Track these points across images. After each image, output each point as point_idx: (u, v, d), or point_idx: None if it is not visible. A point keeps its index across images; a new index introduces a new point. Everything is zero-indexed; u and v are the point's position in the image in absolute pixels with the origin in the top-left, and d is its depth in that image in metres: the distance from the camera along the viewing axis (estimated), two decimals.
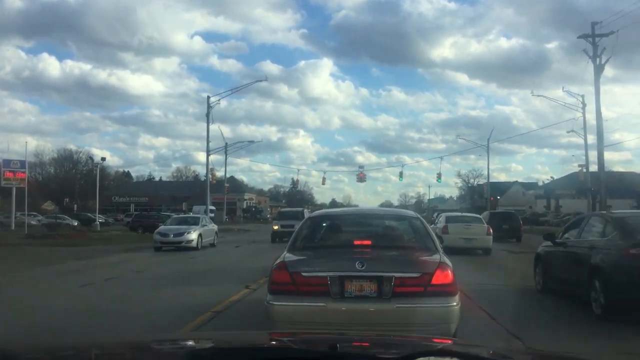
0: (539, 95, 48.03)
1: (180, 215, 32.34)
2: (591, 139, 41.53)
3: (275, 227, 29.66)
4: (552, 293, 10.52)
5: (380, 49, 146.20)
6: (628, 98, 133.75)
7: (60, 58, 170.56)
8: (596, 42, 36.23)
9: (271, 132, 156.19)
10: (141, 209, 66.40)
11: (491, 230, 21.32)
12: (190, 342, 2.58)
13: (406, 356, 1.70)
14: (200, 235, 23.97)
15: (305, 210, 36.35)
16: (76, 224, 48.33)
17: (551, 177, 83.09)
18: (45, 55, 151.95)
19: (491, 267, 16.74)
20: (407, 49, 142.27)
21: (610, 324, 7.92)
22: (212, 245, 25.78)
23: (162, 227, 25.41)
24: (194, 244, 23.25)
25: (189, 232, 23.52)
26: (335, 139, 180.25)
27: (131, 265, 17.26)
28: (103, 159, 61.22)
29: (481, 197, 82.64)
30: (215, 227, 27.93)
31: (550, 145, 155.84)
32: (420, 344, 2.40)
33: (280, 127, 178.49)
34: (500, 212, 36.01)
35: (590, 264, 8.87)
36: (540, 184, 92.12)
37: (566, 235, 10.79)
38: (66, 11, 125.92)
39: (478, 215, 25.13)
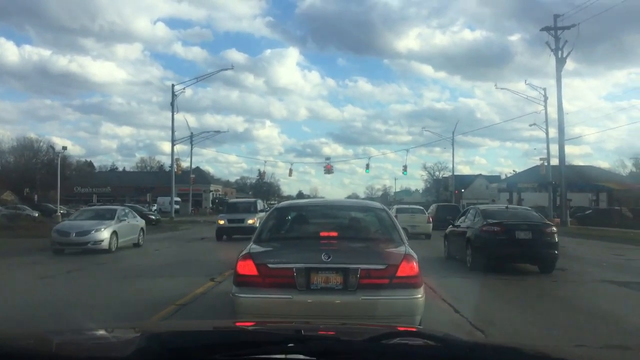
0: (502, 88, 49.37)
1: (93, 207, 26.79)
2: (552, 132, 42.50)
3: (221, 222, 24.91)
4: (452, 258, 15.92)
5: (346, 39, 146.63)
6: (588, 92, 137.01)
7: (19, 43, 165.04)
8: (558, 34, 36.97)
9: (237, 122, 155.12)
10: (104, 200, 65.22)
11: (431, 219, 26.82)
12: (153, 329, 2.53)
13: (372, 338, 1.70)
14: (115, 233, 18.79)
15: (259, 201, 31.08)
16: (37, 214, 47.13)
17: (514, 171, 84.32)
18: (2, 40, 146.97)
19: (424, 246, 20.38)
20: (373, 39, 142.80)
21: (474, 271, 13.10)
22: (137, 245, 20.79)
23: (62, 223, 20.35)
24: (104, 245, 18.12)
25: (97, 230, 18.23)
26: (302, 130, 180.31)
27: (94, 257, 16.93)
28: (64, 148, 59.35)
29: (446, 189, 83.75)
30: (140, 222, 22.24)
31: (513, 139, 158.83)
32: (385, 331, 2.42)
33: (247, 117, 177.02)
34: (444, 205, 41.24)
35: (466, 237, 14.50)
36: (503, 177, 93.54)
37: (460, 220, 16.26)
38: None
39: (421, 207, 30.20)
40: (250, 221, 23.99)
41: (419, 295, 5.67)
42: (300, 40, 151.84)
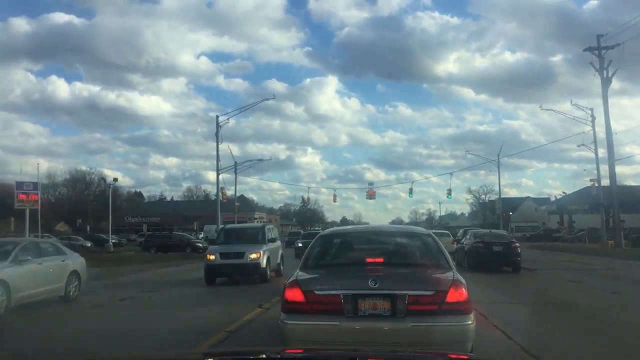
0: (547, 109, 48.23)
1: None
2: (602, 152, 41.39)
3: (211, 258, 17.72)
4: (459, 265, 19.59)
5: (384, 65, 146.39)
6: (636, 110, 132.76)
7: (69, 80, 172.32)
8: (602, 54, 36.23)
9: (279, 150, 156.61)
10: (153, 229, 66.76)
11: (454, 241, 32.31)
12: (206, 357, 2.60)
13: None
14: (3, 284, 11.11)
15: (269, 226, 21.22)
16: (89, 244, 48.63)
17: (563, 192, 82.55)
18: (54, 77, 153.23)
19: None
20: (411, 64, 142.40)
21: (470, 271, 19.38)
22: (65, 298, 13.39)
23: None
24: None
25: None
26: (344, 156, 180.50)
27: (144, 285, 17.24)
28: (115, 179, 61.88)
29: (493, 213, 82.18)
30: (73, 261, 14.27)
31: (560, 160, 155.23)
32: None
33: (288, 145, 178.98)
34: (469, 229, 44.65)
35: (464, 250, 22.68)
36: (553, 199, 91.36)
37: (464, 239, 24.51)
38: (73, 34, 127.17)
39: (447, 232, 38.71)
40: (253, 255, 17.45)
41: (470, 322, 5.57)
42: (339, 68, 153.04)
